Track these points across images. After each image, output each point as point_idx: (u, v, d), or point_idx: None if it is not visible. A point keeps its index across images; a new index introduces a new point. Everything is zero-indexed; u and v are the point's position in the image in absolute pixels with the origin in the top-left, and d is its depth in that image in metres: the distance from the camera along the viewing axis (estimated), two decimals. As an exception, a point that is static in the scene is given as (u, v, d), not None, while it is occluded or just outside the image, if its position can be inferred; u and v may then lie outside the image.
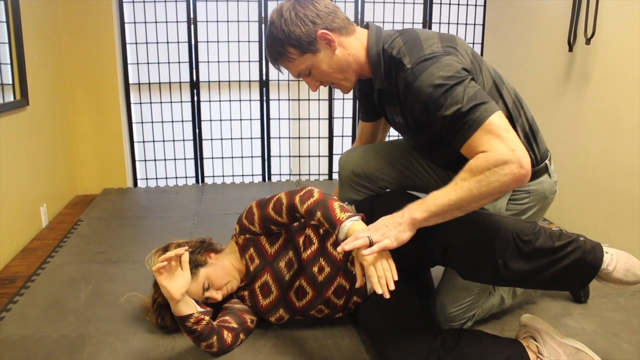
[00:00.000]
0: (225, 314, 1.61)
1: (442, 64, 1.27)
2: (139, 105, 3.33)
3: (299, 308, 1.62)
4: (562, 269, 1.31)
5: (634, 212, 2.19)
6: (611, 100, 2.30)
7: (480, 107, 1.22)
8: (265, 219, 1.57)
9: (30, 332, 1.67)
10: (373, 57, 1.42)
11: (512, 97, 1.48)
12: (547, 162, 1.55)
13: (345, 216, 1.37)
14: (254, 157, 3.55)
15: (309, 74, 1.46)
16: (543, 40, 2.80)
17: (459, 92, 1.24)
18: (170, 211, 2.90)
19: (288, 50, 1.40)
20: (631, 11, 2.16)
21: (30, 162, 2.53)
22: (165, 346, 1.60)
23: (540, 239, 1.31)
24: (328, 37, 1.39)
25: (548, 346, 1.44)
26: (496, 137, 1.19)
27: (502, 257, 1.28)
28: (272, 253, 1.61)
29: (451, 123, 1.25)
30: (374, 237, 1.25)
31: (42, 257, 2.26)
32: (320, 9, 1.40)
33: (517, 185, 1.19)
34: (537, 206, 1.57)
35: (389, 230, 1.25)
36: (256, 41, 3.31)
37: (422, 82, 1.28)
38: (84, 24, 3.03)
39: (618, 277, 1.34)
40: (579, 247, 1.32)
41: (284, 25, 1.38)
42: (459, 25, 3.52)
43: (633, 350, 1.60)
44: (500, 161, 1.16)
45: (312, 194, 1.47)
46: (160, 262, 1.37)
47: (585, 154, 2.48)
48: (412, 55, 1.32)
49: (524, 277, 1.33)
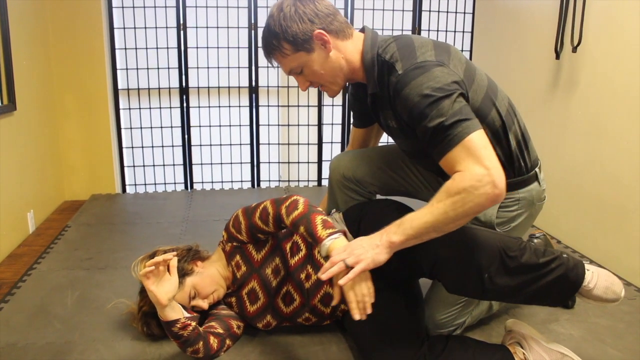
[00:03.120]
0: (211, 320, 1.61)
1: (432, 75, 1.28)
2: (128, 110, 3.32)
3: (286, 314, 1.62)
4: (545, 285, 1.34)
5: (621, 218, 2.21)
6: (598, 107, 2.32)
7: (462, 124, 1.23)
8: (252, 227, 1.57)
9: (16, 339, 1.65)
10: (367, 62, 1.43)
11: (506, 105, 1.49)
12: (536, 170, 1.56)
13: (326, 233, 1.37)
14: (243, 163, 3.55)
15: (300, 72, 1.46)
16: (530, 47, 2.82)
17: (445, 105, 1.24)
18: (159, 217, 2.88)
19: (283, 45, 1.41)
20: (617, 19, 2.19)
21: (18, 167, 2.51)
22: (152, 353, 1.59)
23: (526, 255, 1.33)
24: (324, 37, 1.40)
25: (534, 352, 1.45)
26: (473, 156, 1.21)
27: (488, 272, 1.30)
28: (259, 260, 1.61)
29: (433, 135, 1.26)
30: (349, 261, 1.24)
31: (28, 264, 2.24)
32: (320, 9, 1.41)
33: (491, 205, 1.20)
34: (526, 213, 1.58)
35: (366, 252, 1.25)
36: (246, 47, 3.31)
37: (410, 90, 1.28)
38: (73, 29, 3.02)
39: (598, 295, 1.37)
40: (562, 264, 1.35)
41: (282, 19, 1.38)
42: (448, 32, 3.54)
43: (619, 356, 1.61)
44: (475, 181, 1.17)
45: (297, 205, 1.47)
46: (148, 267, 1.37)
47: (572, 160, 2.50)
48: (404, 61, 1.33)
49: (508, 292, 1.35)
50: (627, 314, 1.86)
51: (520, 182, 1.53)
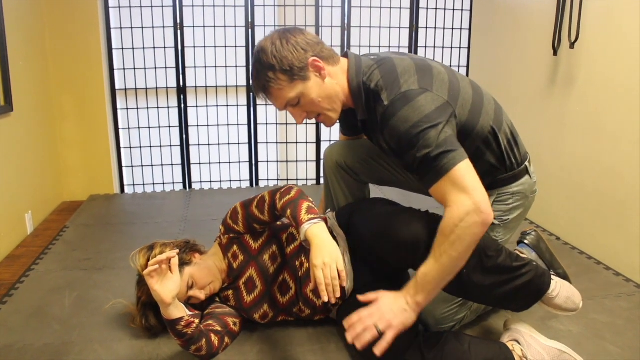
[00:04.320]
0: (207, 319, 1.61)
1: (417, 105, 1.31)
2: (126, 110, 3.32)
3: (282, 304, 1.64)
4: (515, 288, 1.42)
5: (619, 213, 2.20)
6: (596, 103, 2.31)
7: (448, 155, 1.27)
8: (249, 217, 1.62)
9: (14, 340, 1.65)
10: (354, 89, 1.45)
11: (493, 108, 1.52)
12: (527, 164, 1.61)
13: (307, 218, 1.41)
14: (242, 162, 3.55)
15: (297, 104, 1.46)
16: (528, 44, 2.82)
17: (431, 136, 1.28)
18: (158, 217, 2.88)
19: (278, 77, 1.40)
20: (614, 15, 2.18)
21: (15, 168, 2.51)
22: (150, 353, 1.59)
23: (502, 257, 1.40)
24: (318, 64, 1.41)
25: (532, 349, 1.45)
26: (458, 187, 1.26)
27: (467, 267, 1.33)
28: (257, 248, 1.65)
29: (420, 165, 1.31)
30: (381, 326, 1.30)
31: (26, 265, 2.24)
32: (310, 38, 1.43)
33: (486, 229, 1.27)
34: (521, 205, 1.63)
35: (396, 317, 1.31)
36: (243, 46, 3.31)
37: (397, 120, 1.32)
38: (69, 29, 3.01)
39: (558, 304, 1.48)
40: (532, 271, 1.44)
41: (275, 51, 1.39)
42: (446, 29, 3.53)
43: (618, 352, 1.61)
44: (462, 214, 1.24)
45: (289, 191, 1.54)
46: (151, 266, 1.38)
47: (571, 156, 2.50)
48: (389, 90, 1.36)
49: (480, 291, 1.42)
50: (627, 311, 1.86)
51: (512, 176, 1.58)
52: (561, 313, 1.50)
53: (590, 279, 2.12)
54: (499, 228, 1.62)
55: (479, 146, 1.48)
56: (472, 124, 1.43)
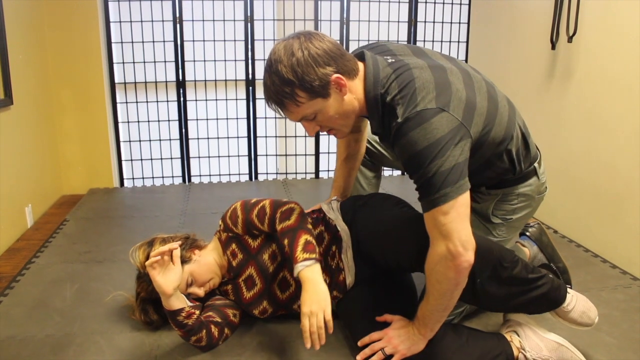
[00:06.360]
0: (208, 310, 1.62)
1: (430, 127, 1.22)
2: (125, 104, 3.32)
3: (282, 300, 1.64)
4: (529, 300, 1.42)
5: (616, 207, 2.22)
6: (593, 97, 2.32)
7: (446, 189, 1.21)
8: (248, 223, 1.61)
9: (15, 332, 1.66)
10: (370, 100, 1.35)
11: (507, 112, 1.43)
12: (535, 165, 1.56)
13: (302, 257, 1.42)
14: (241, 156, 3.55)
15: (313, 119, 1.36)
16: (527, 38, 2.82)
17: (437, 163, 1.21)
18: (157, 211, 2.89)
19: (297, 94, 1.28)
20: (612, 10, 2.19)
21: (15, 162, 2.52)
22: (150, 344, 1.60)
23: (517, 268, 1.38)
24: (341, 82, 1.30)
25: (530, 341, 1.47)
26: (438, 229, 1.23)
27: (481, 277, 1.34)
28: (256, 247, 1.63)
29: (420, 188, 1.27)
30: (387, 350, 1.41)
31: (27, 257, 2.25)
32: (330, 47, 1.29)
33: (463, 272, 1.25)
34: (527, 206, 1.60)
35: (402, 343, 1.42)
36: (242, 40, 3.31)
37: (407, 141, 1.24)
38: (69, 23, 3.01)
39: (574, 318, 1.47)
40: (547, 283, 1.43)
41: (295, 65, 1.25)
42: (444, 23, 3.54)
43: (615, 343, 1.62)
44: (437, 259, 1.25)
45: (290, 215, 1.53)
46: (153, 257, 1.38)
47: (569, 150, 2.51)
48: (405, 106, 1.26)
49: (495, 302, 1.43)
50: (623, 302, 1.88)
51: (519, 178, 1.54)
52: (576, 327, 1.49)
53: (587, 271, 2.13)
54: (502, 227, 1.60)
55: (489, 157, 1.43)
56: (484, 138, 1.36)
